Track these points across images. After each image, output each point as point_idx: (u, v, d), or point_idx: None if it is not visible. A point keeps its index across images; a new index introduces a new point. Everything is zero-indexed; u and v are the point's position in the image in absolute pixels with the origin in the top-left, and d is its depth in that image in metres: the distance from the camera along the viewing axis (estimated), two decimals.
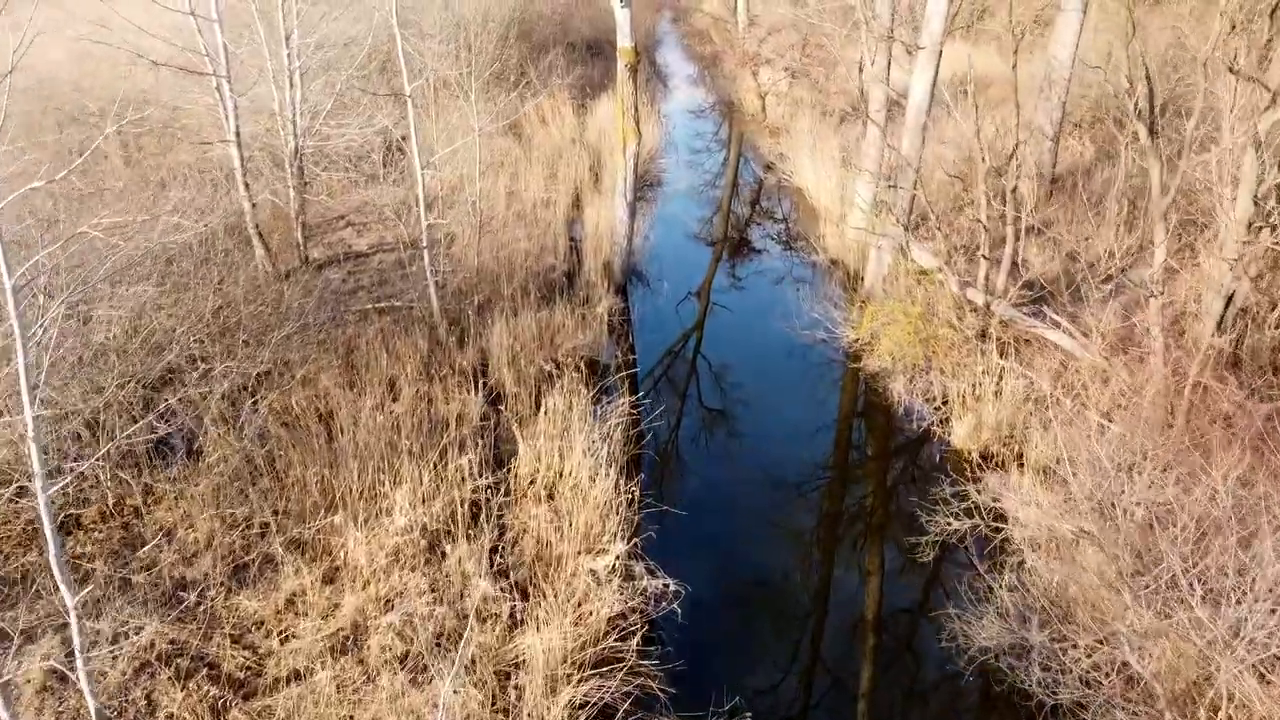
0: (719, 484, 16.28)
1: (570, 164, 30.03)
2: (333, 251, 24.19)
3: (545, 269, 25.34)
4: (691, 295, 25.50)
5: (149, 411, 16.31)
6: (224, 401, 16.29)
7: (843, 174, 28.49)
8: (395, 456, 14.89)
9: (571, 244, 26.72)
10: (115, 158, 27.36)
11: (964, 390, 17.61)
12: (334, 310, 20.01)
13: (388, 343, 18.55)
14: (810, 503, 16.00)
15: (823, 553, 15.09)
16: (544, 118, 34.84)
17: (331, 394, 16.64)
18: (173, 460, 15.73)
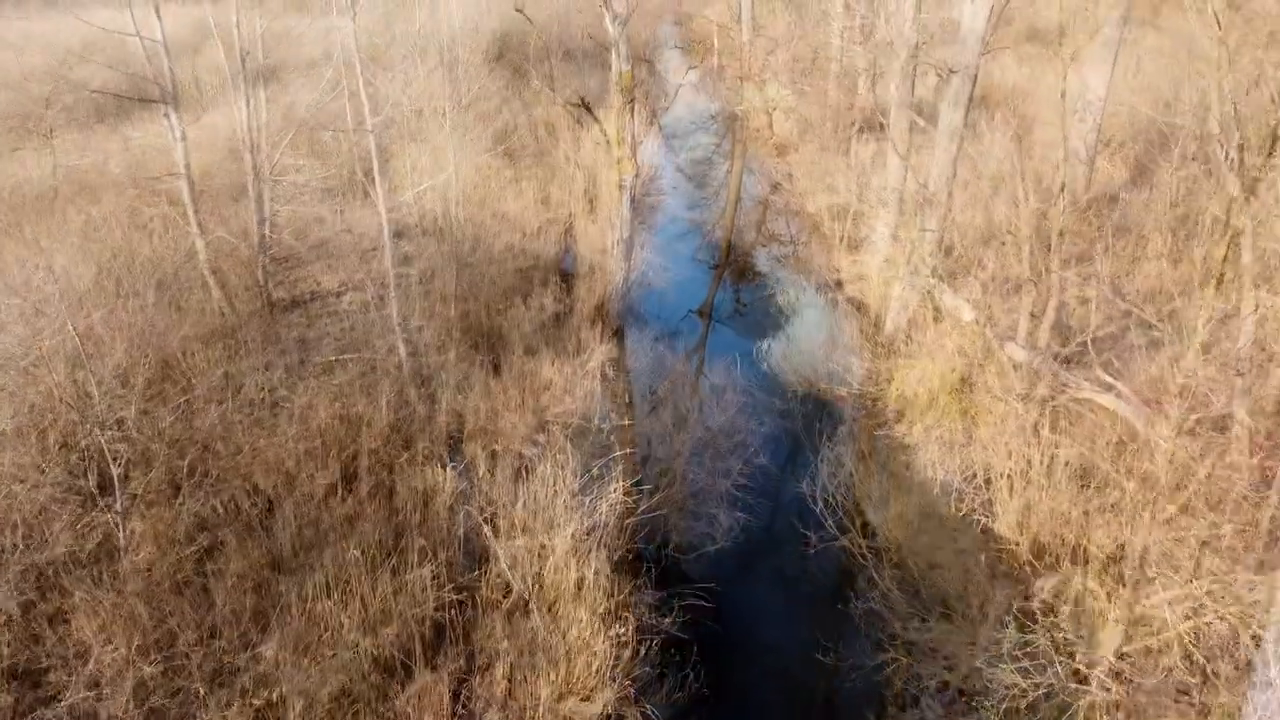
0: (732, 594, 13.90)
1: (564, 185, 27.76)
2: (297, 291, 21.89)
3: (533, 310, 23.07)
4: (694, 339, 23.21)
5: (68, 493, 14.08)
6: (157, 485, 14.02)
7: (857, 202, 26.23)
8: (344, 564, 12.58)
9: (563, 279, 24.46)
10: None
11: (1010, 469, 15.30)
12: (293, 363, 17.72)
13: (348, 408, 16.25)
14: (846, 630, 13.47)
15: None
16: (537, 134, 32.55)
17: (277, 477, 14.33)
18: (94, 557, 13.42)
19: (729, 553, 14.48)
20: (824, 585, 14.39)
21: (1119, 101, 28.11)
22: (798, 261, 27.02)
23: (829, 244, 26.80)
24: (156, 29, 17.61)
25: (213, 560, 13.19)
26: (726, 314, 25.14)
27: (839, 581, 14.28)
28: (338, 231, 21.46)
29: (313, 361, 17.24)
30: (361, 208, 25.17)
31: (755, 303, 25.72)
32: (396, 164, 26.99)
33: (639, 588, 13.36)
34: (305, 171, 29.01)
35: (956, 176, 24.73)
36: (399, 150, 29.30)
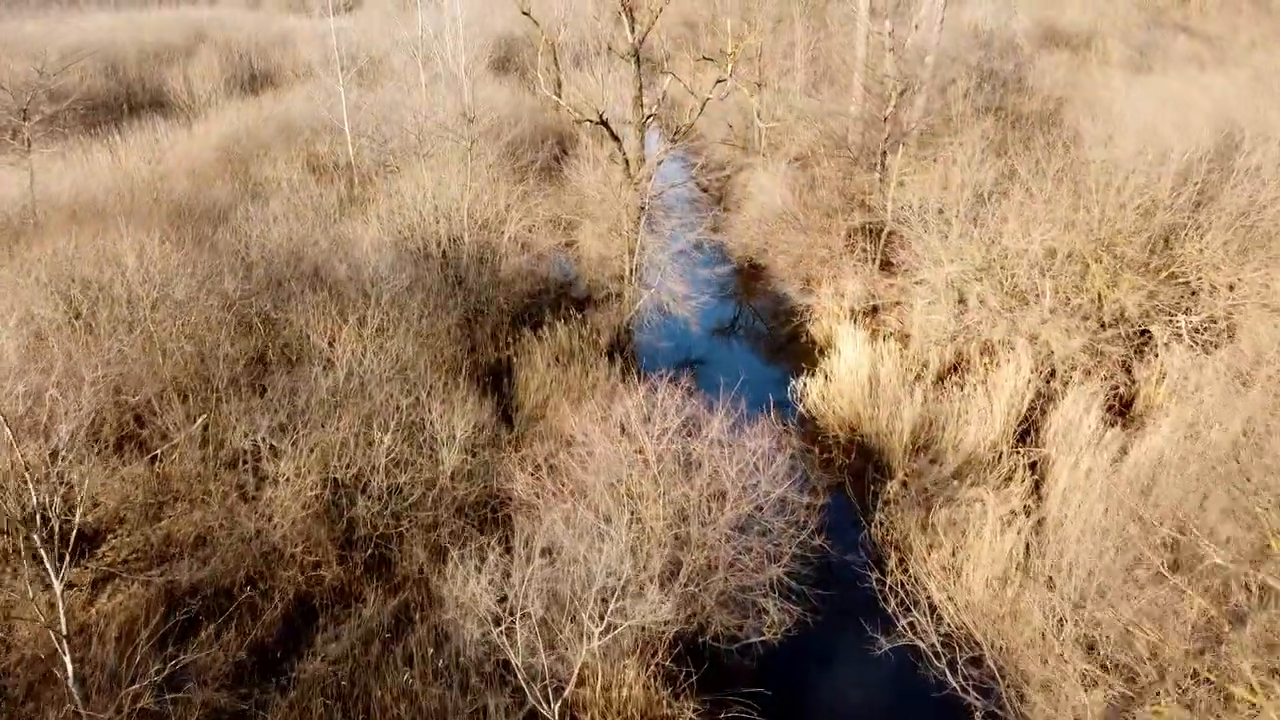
0: (784, 703, 11.91)
1: (576, 203, 25.67)
2: (288, 331, 19.92)
3: (546, 343, 21.14)
4: (722, 376, 21.20)
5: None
6: None
7: (892, 221, 24.27)
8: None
9: (576, 306, 22.51)
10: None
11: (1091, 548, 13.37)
12: (280, 421, 15.79)
13: (339, 473, 14.31)
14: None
15: None
16: (547, 147, 30.60)
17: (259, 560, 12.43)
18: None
19: (781, 653, 12.57)
20: (889, 689, 12.49)
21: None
22: (828, 283, 25.06)
23: (861, 264, 24.88)
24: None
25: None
26: (754, 346, 23.31)
27: (907, 684, 12.35)
28: (330, 257, 19.52)
29: (303, 417, 15.23)
30: (361, 226, 23.25)
31: (784, 332, 23.81)
32: (400, 182, 25.08)
33: (678, 695, 11.43)
34: (301, 189, 27.17)
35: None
36: (403, 167, 27.42)
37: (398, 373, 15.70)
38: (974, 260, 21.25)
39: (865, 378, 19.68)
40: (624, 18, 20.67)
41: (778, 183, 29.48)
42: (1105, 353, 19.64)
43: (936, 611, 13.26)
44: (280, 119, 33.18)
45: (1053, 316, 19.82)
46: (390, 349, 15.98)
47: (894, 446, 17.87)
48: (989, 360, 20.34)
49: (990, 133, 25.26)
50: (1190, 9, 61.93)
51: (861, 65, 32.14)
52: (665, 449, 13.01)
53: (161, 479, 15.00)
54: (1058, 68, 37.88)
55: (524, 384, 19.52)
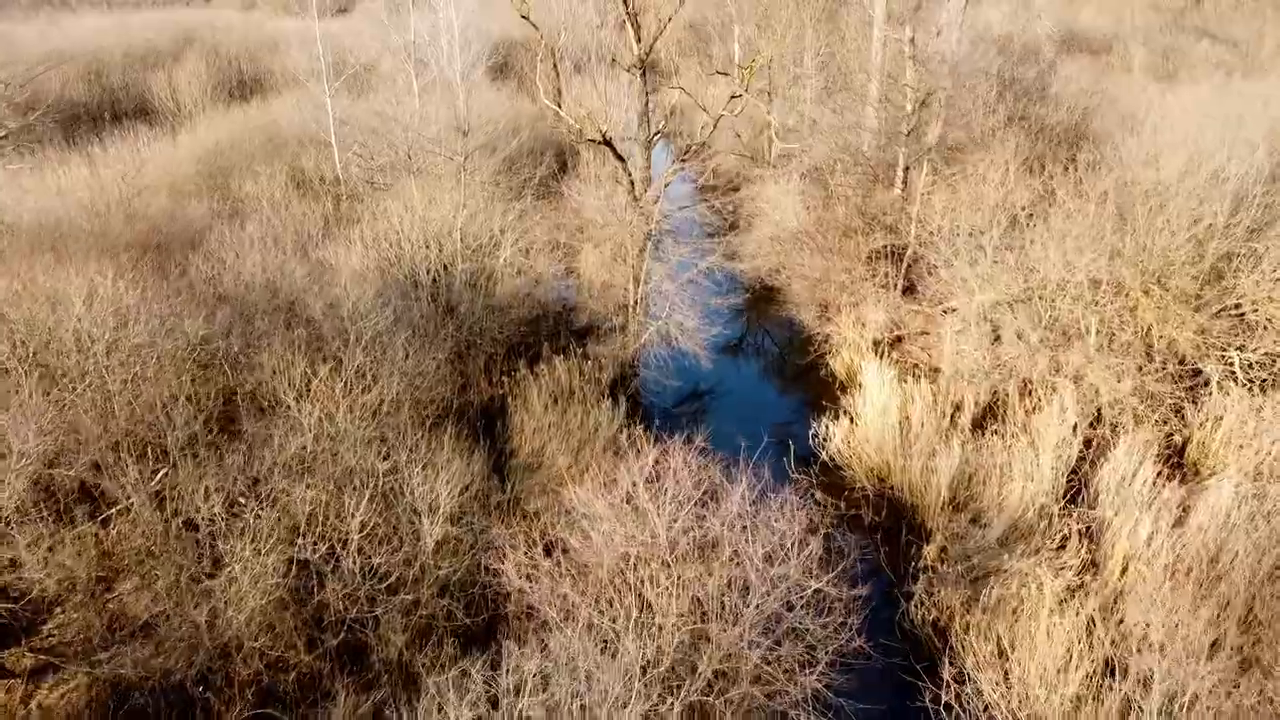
0: None
1: (577, 226, 23.95)
2: (256, 379, 18.19)
3: (542, 380, 19.44)
4: (736, 421, 19.53)
5: None
6: None
7: (917, 245, 22.53)
8: None
9: (576, 338, 20.80)
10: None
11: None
12: (241, 487, 14.03)
13: (307, 552, 12.58)
14: None
15: None
16: (545, 162, 28.84)
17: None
18: None
19: None
20: None
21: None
22: (847, 310, 23.30)
23: (883, 290, 23.14)
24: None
25: None
26: (770, 382, 21.59)
27: None
28: (307, 290, 17.74)
29: (265, 487, 13.44)
30: (344, 250, 21.47)
31: (801, 365, 22.06)
32: (389, 201, 23.33)
33: None
34: (283, 208, 25.44)
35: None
36: (394, 183, 25.66)
37: (375, 431, 13.95)
38: (1010, 290, 19.53)
39: (894, 421, 17.94)
40: (628, 27, 18.95)
41: (791, 198, 27.75)
42: (1157, 395, 17.92)
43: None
44: (265, 129, 31.45)
45: (1098, 355, 18.09)
46: (367, 403, 14.24)
47: (929, 504, 16.14)
48: (1029, 402, 18.62)
49: (1023, 148, 23.52)
50: (1206, 11, 60.26)
51: (878, 74, 30.40)
52: (679, 530, 11.28)
53: (109, 552, 13.31)
54: (1081, 74, 36.09)
55: (518, 428, 17.80)
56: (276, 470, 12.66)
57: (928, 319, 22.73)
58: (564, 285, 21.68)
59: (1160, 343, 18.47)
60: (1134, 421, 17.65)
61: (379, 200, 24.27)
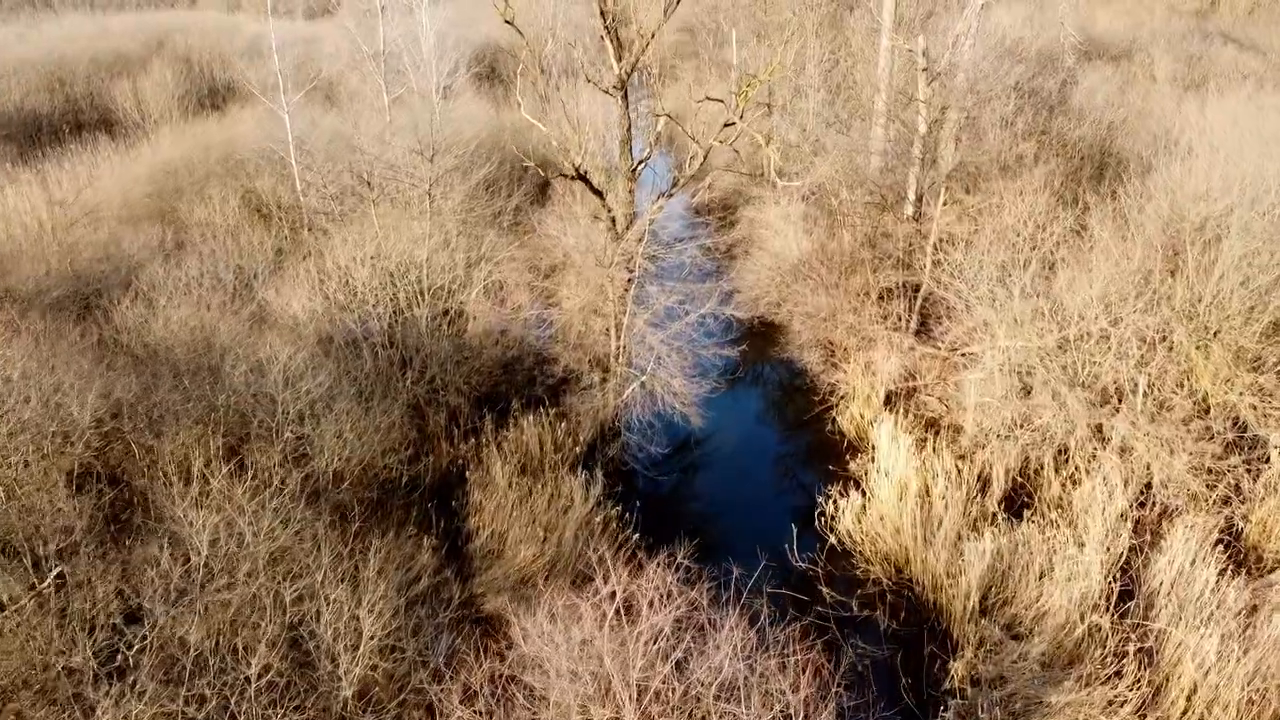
0: None
1: (558, 259, 21.53)
2: (180, 447, 15.80)
3: (512, 437, 17.10)
4: (731, 498, 17.20)
5: None
6: None
7: (933, 284, 20.11)
8: None
9: (551, 393, 18.36)
10: None
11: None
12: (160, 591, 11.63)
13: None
14: None
15: None
16: (523, 183, 26.38)
17: None
18: None
19: None
20: None
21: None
22: (855, 354, 20.89)
23: (895, 332, 20.74)
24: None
25: None
26: (769, 445, 19.16)
27: None
28: (230, 352, 15.28)
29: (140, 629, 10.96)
30: (289, 294, 19.07)
31: (805, 422, 19.59)
32: (348, 233, 20.94)
33: None
34: (232, 237, 23.05)
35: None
36: (354, 212, 23.24)
37: (290, 539, 11.56)
38: (1042, 340, 17.14)
39: (913, 498, 15.55)
40: (608, 44, 16.57)
41: (793, 224, 25.36)
42: (1216, 471, 15.52)
43: None
44: (224, 146, 29.04)
45: (1147, 422, 15.68)
46: (280, 506, 11.83)
47: (956, 607, 13.74)
48: (1067, 472, 16.23)
49: (1054, 175, 21.12)
50: (1224, 15, 57.71)
51: (886, 88, 27.97)
52: (651, 696, 8.90)
53: None
54: (1104, 84, 33.62)
55: (478, 507, 15.42)
56: (158, 601, 10.27)
57: (945, 363, 20.35)
58: (540, 330, 19.25)
59: (1217, 408, 16.08)
60: (1189, 501, 15.27)
61: (338, 232, 21.89)
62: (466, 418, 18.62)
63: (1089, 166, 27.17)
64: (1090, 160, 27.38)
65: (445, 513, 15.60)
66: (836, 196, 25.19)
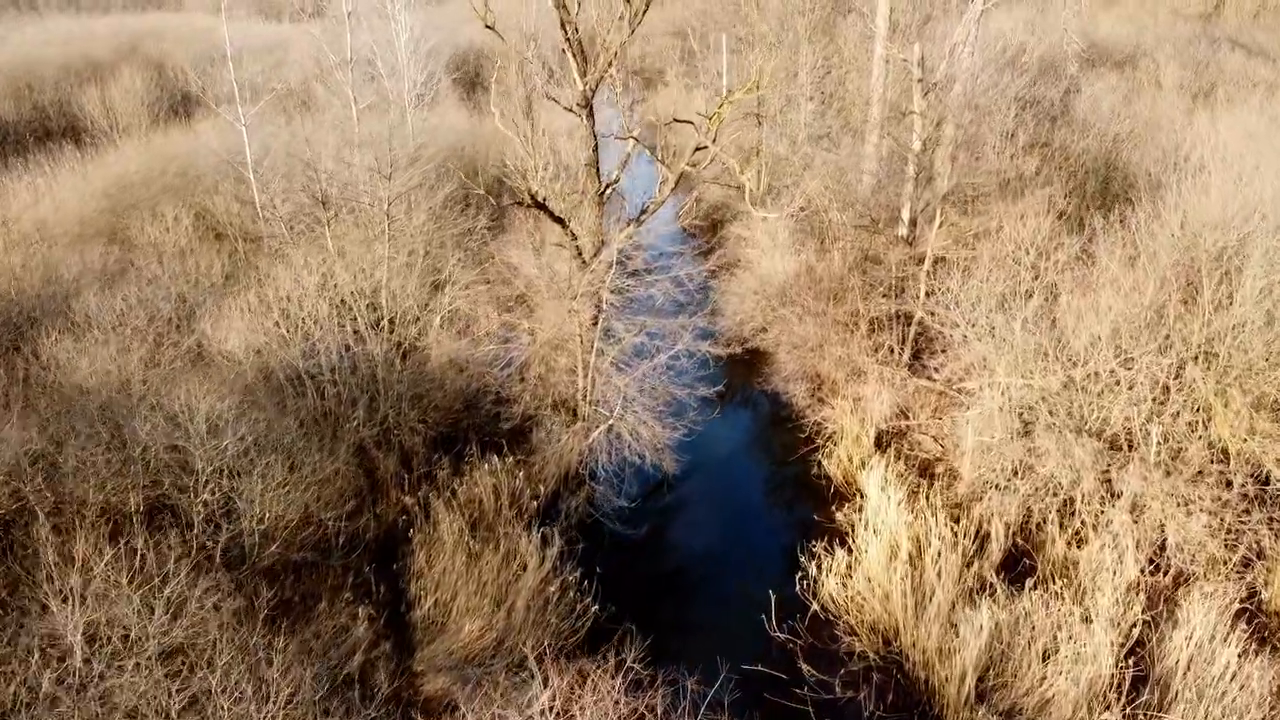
0: None
1: (523, 287, 20.03)
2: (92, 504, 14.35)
3: (465, 488, 15.66)
4: (712, 563, 15.71)
5: None
6: None
7: (926, 315, 18.65)
8: None
9: (512, 439, 16.82)
10: None
11: None
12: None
13: None
14: None
15: None
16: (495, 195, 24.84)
17: None
18: None
19: None
20: None
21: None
22: (843, 388, 19.43)
23: (886, 365, 19.30)
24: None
25: None
26: (748, 495, 17.60)
27: None
28: (145, 400, 13.81)
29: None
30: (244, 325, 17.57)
31: (788, 466, 18.12)
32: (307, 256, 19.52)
33: None
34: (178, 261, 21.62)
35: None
36: (314, 238, 21.74)
37: (184, 633, 10.11)
38: (1046, 382, 15.70)
39: (904, 560, 14.12)
40: (570, 59, 15.13)
41: (780, 245, 23.93)
42: (1235, 529, 14.09)
43: None
44: (185, 159, 27.60)
45: (1161, 476, 14.22)
46: (174, 592, 10.38)
47: (950, 690, 12.29)
48: (1072, 532, 14.80)
49: (1057, 196, 19.68)
50: (1228, 19, 56.24)
51: (880, 99, 26.53)
52: None
53: None
54: (1108, 93, 32.18)
55: (423, 568, 13.98)
56: (24, 713, 8.83)
57: (942, 396, 18.93)
58: (503, 365, 17.77)
59: (1237, 457, 14.64)
60: (1207, 567, 13.83)
61: (294, 252, 20.46)
62: (421, 460, 17.21)
63: (1094, 181, 25.77)
64: (1095, 175, 25.97)
65: (388, 575, 14.19)
66: (826, 215, 23.75)
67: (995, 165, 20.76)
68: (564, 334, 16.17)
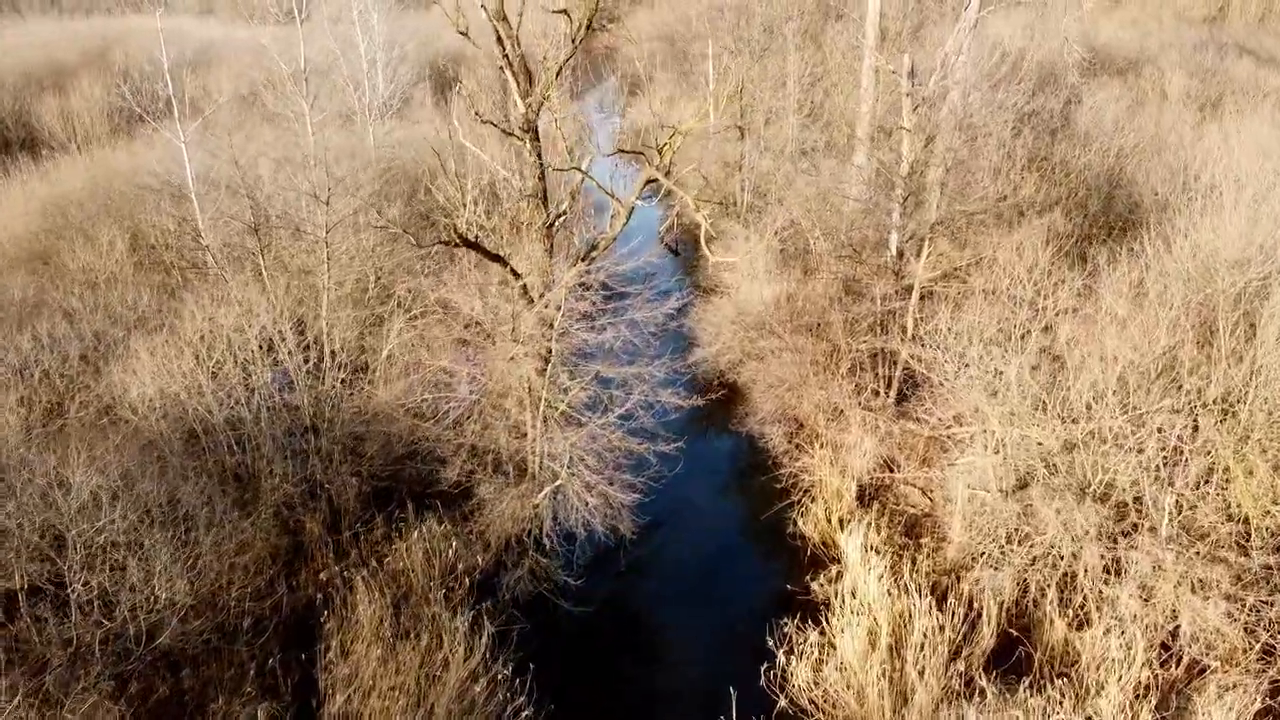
0: None
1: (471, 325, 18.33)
2: None
3: (397, 557, 14.01)
4: (674, 637, 14.01)
5: None
6: None
7: (912, 361, 16.97)
8: None
9: (450, 499, 15.10)
10: None
11: None
12: None
13: None
14: None
15: None
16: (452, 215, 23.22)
17: None
18: None
19: None
20: None
21: None
22: (825, 432, 17.74)
23: (870, 408, 17.62)
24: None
25: None
26: (714, 562, 15.69)
27: None
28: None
29: None
30: (151, 372, 15.88)
31: (760, 526, 16.32)
32: (233, 289, 17.88)
33: None
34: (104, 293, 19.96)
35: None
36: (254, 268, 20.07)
37: None
38: (1045, 441, 14.03)
39: (883, 649, 12.46)
40: (510, 80, 13.46)
41: (759, 270, 22.26)
42: (1256, 610, 12.43)
43: None
44: (128, 175, 25.94)
45: (1173, 555, 12.53)
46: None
47: None
48: (1074, 612, 13.13)
49: (1056, 225, 17.99)
50: (1233, 22, 54.51)
51: (869, 114, 24.89)
52: None
53: None
54: (1113, 102, 30.49)
55: (337, 658, 12.31)
56: None
57: (931, 442, 17.27)
58: (443, 414, 16.01)
59: (1260, 532, 12.97)
60: (1225, 658, 12.16)
61: (220, 285, 18.81)
62: (353, 517, 15.56)
63: (1096, 200, 24.09)
64: (1098, 193, 24.29)
65: (299, 663, 12.53)
66: (811, 236, 22.07)
67: (989, 189, 19.07)
68: (508, 382, 14.50)
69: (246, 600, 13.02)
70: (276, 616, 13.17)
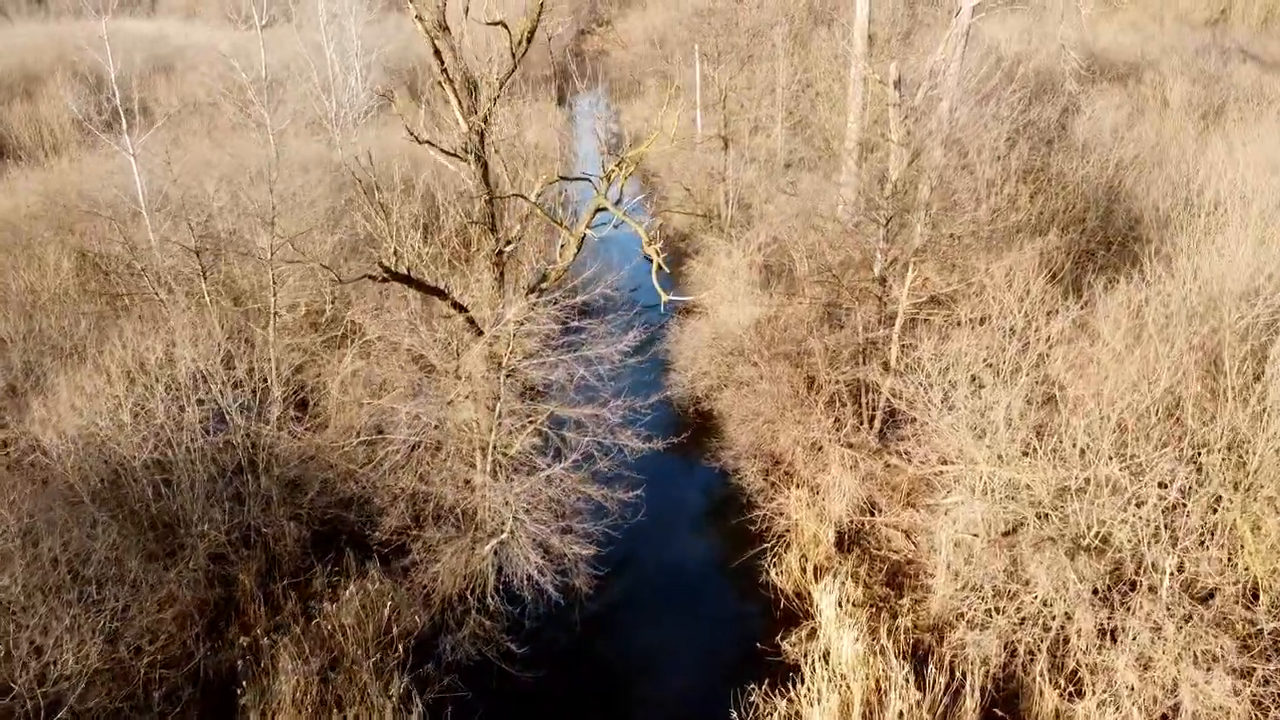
0: None
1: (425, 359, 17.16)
2: None
3: (331, 615, 12.90)
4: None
5: None
6: None
7: (902, 390, 15.79)
8: None
9: (398, 550, 13.94)
10: None
11: None
12: None
13: None
14: None
15: None
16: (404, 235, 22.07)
17: None
18: None
19: None
20: None
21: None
22: (801, 471, 16.59)
23: (845, 447, 16.44)
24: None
25: None
26: (680, 621, 14.31)
27: None
28: None
29: None
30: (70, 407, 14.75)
31: (731, 577, 15.06)
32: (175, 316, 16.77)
33: None
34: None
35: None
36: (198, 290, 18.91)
37: None
38: (1034, 490, 12.89)
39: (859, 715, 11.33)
40: (450, 96, 12.34)
41: (738, 290, 21.11)
42: (1266, 681, 11.28)
43: None
44: (78, 189, 24.79)
45: (1175, 628, 11.37)
46: None
47: None
48: (1065, 681, 11.99)
49: (1051, 243, 16.79)
50: (1235, 25, 53.32)
51: (856, 125, 23.73)
52: None
53: None
54: (1112, 110, 29.36)
55: None
56: None
57: (915, 482, 16.13)
58: (380, 460, 14.77)
59: (1270, 594, 11.82)
60: None
61: (160, 311, 17.71)
62: (291, 565, 14.43)
63: (1094, 214, 22.91)
64: (1096, 206, 23.11)
65: None
66: (793, 256, 20.92)
67: (979, 211, 17.91)
68: (454, 423, 13.36)
69: (159, 666, 11.88)
70: (192, 686, 12.05)
